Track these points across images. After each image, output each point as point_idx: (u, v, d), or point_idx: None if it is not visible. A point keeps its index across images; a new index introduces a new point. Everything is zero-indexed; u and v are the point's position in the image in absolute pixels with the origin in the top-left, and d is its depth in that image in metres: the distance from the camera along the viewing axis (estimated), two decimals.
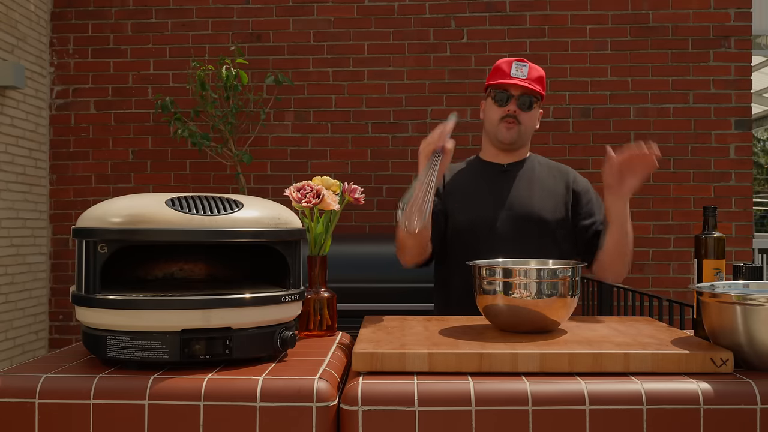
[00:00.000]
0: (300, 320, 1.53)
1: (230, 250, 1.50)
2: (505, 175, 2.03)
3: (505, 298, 1.35)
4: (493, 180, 2.02)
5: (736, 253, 4.25)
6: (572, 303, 1.38)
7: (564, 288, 1.35)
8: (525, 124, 2.01)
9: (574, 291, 1.37)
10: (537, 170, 2.04)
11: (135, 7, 4.43)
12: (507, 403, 1.10)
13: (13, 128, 4.04)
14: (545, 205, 1.97)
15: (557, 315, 1.37)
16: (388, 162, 4.34)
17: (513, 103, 1.99)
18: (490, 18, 4.35)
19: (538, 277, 1.34)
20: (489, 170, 2.05)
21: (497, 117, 2.01)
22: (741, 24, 4.27)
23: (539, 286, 1.34)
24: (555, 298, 1.35)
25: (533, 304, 1.34)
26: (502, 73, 2.01)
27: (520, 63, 2.00)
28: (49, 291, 4.43)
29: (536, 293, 1.34)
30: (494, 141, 2.04)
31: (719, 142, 4.28)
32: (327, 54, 4.38)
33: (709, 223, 1.45)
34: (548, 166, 2.07)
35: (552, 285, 1.34)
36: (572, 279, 1.36)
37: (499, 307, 1.37)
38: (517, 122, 2.00)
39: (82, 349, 1.37)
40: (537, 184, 2.01)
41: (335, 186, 1.59)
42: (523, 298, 1.34)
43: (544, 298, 1.34)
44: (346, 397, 1.11)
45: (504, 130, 2.00)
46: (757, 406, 1.11)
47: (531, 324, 1.37)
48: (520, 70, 1.99)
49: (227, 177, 4.35)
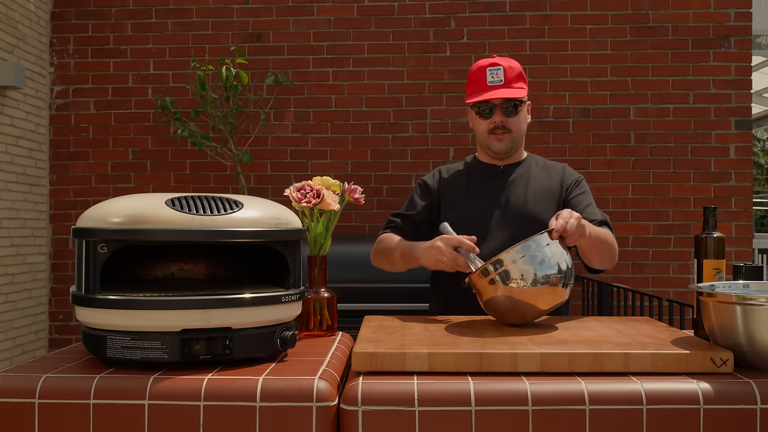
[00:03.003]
0: (300, 320, 1.53)
1: (230, 250, 1.50)
2: (502, 177, 2.03)
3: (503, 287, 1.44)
4: (490, 181, 2.02)
5: (736, 253, 4.25)
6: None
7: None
8: (515, 129, 1.98)
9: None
10: (533, 171, 2.04)
11: (135, 7, 4.42)
12: (507, 403, 1.10)
13: (13, 128, 4.03)
14: (540, 205, 1.97)
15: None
16: (388, 162, 4.34)
17: (498, 114, 1.96)
18: (490, 18, 4.35)
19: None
20: (486, 171, 2.05)
21: (485, 130, 1.99)
22: (741, 24, 4.27)
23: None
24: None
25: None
26: (478, 84, 1.97)
27: (494, 67, 1.95)
28: (49, 291, 4.43)
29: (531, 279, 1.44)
30: (487, 151, 2.03)
31: (719, 142, 4.28)
32: (327, 54, 4.38)
33: (709, 223, 1.45)
34: (544, 166, 2.07)
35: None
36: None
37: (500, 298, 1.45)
38: (506, 130, 1.97)
39: (82, 349, 1.37)
40: (532, 184, 2.00)
41: (335, 186, 1.59)
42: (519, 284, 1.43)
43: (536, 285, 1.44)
44: (346, 397, 1.11)
45: (495, 142, 1.99)
46: (757, 406, 1.11)
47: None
48: (495, 75, 1.94)
49: (227, 177, 4.35)
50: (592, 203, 2.00)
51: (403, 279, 3.55)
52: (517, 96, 1.94)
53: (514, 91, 1.94)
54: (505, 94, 1.93)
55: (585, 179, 2.08)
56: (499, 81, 1.94)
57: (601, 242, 1.81)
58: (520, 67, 1.99)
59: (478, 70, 1.98)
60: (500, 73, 1.94)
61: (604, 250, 1.83)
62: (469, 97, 2.00)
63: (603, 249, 1.83)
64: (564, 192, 2.01)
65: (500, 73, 1.94)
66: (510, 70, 1.96)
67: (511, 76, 1.95)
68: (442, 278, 2.01)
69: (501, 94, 1.93)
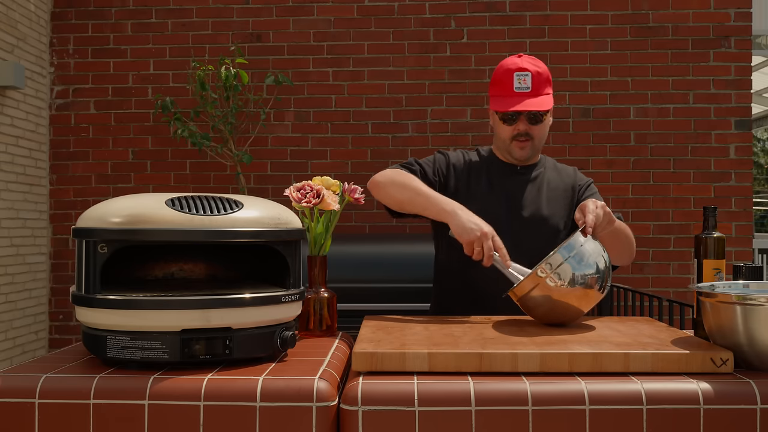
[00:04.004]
0: (300, 320, 1.53)
1: (230, 250, 1.50)
2: (519, 177, 1.99)
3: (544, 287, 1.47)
4: (507, 180, 1.98)
5: (736, 253, 4.25)
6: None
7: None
8: (538, 136, 1.93)
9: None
10: (548, 173, 2.02)
11: (135, 7, 4.42)
12: (507, 403, 1.10)
13: (13, 128, 4.03)
14: (554, 207, 1.96)
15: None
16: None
17: (523, 122, 1.90)
18: (490, 18, 4.35)
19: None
20: (504, 170, 2.00)
21: (508, 136, 1.93)
22: (741, 24, 4.27)
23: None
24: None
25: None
26: (504, 88, 1.89)
27: (522, 73, 1.87)
28: (49, 291, 4.43)
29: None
30: (507, 156, 1.99)
31: (719, 142, 4.28)
32: (327, 54, 4.38)
33: (709, 223, 1.45)
34: (555, 168, 2.06)
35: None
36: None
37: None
38: (529, 138, 1.92)
39: (82, 349, 1.37)
40: (547, 186, 1.99)
41: (335, 186, 1.59)
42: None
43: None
44: (346, 397, 1.11)
45: (517, 149, 1.93)
46: (757, 406, 1.11)
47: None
48: (522, 82, 1.87)
49: (227, 177, 4.35)
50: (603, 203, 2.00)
51: (403, 279, 3.55)
52: (545, 108, 1.88)
53: (542, 102, 1.88)
54: (532, 106, 1.86)
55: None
56: (526, 88, 1.87)
57: (619, 232, 1.80)
58: (547, 70, 1.92)
59: (504, 73, 1.90)
60: (528, 79, 1.87)
61: (622, 241, 1.83)
62: (494, 102, 1.92)
63: (621, 240, 1.82)
64: (576, 195, 2.00)
65: (528, 80, 1.87)
66: (538, 75, 1.88)
67: (539, 82, 1.88)
68: (445, 278, 2.01)
69: (528, 106, 1.86)
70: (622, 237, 1.82)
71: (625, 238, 1.85)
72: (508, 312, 1.73)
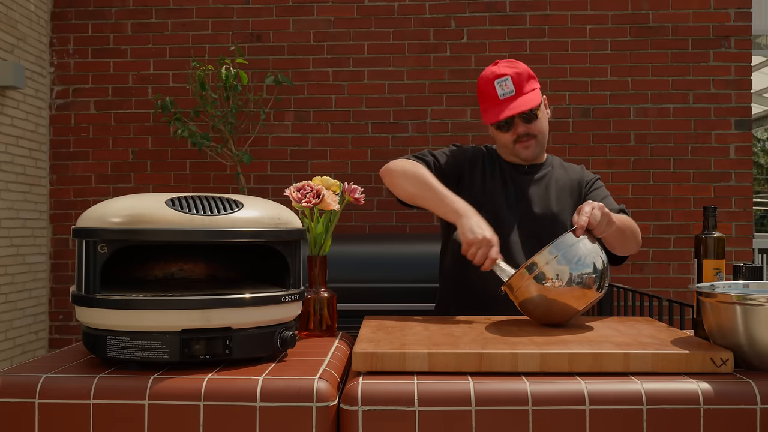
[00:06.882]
0: (300, 320, 1.54)
1: (230, 250, 1.50)
2: (527, 176, 1.99)
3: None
4: (516, 179, 1.99)
5: (736, 253, 4.25)
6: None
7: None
8: (539, 132, 1.94)
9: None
10: (555, 171, 2.02)
11: (135, 7, 4.42)
12: (507, 403, 1.10)
13: (13, 128, 4.03)
14: (562, 204, 1.97)
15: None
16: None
17: (519, 124, 1.91)
18: (490, 18, 4.34)
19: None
20: (511, 170, 2.00)
21: (509, 141, 1.94)
22: (741, 24, 4.27)
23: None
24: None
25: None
26: (489, 99, 1.90)
27: (501, 79, 1.87)
28: (49, 291, 4.43)
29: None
30: (514, 159, 1.99)
31: (719, 142, 4.28)
32: (327, 54, 4.38)
33: (709, 223, 1.45)
34: (563, 166, 2.06)
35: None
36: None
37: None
38: (531, 136, 1.93)
39: (82, 349, 1.37)
40: (554, 185, 1.99)
41: (335, 186, 1.59)
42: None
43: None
44: (346, 397, 1.11)
45: (522, 150, 1.94)
46: (757, 406, 1.11)
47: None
48: (505, 87, 1.87)
49: (227, 177, 4.35)
50: (608, 196, 2.00)
51: (404, 279, 3.55)
52: (533, 106, 1.88)
53: (528, 100, 1.88)
54: (520, 107, 1.87)
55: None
56: (510, 92, 1.87)
57: (624, 228, 1.79)
58: (526, 68, 1.92)
59: (486, 84, 1.91)
60: (509, 83, 1.87)
61: (627, 235, 1.83)
62: (485, 115, 1.93)
63: (626, 235, 1.82)
64: (584, 190, 2.01)
65: (509, 83, 1.87)
66: (517, 76, 1.88)
67: (520, 82, 1.88)
68: (451, 279, 2.00)
69: (516, 108, 1.86)
70: (627, 233, 1.82)
71: (631, 232, 1.85)
72: (513, 315, 1.73)
